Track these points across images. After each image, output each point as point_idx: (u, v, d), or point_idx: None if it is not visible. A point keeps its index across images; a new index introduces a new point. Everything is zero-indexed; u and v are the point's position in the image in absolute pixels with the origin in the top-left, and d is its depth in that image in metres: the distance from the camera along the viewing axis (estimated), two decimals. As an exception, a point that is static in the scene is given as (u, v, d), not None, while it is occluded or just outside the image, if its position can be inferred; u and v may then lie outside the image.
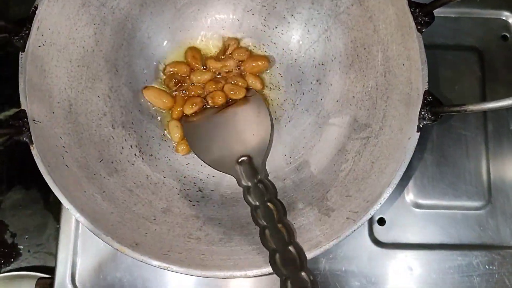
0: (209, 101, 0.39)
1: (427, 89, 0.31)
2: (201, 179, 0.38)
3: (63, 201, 0.30)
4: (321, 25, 0.38)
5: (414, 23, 0.31)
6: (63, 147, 0.32)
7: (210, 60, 0.39)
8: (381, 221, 0.40)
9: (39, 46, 0.32)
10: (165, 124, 0.39)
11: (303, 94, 0.39)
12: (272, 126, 0.39)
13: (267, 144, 0.37)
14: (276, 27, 0.40)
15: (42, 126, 0.31)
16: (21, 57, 0.31)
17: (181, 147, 0.38)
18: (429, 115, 0.30)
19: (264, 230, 0.31)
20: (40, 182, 0.30)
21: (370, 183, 0.32)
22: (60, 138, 0.32)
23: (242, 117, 0.38)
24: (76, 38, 0.34)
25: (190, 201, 0.36)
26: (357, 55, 0.36)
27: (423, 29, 0.31)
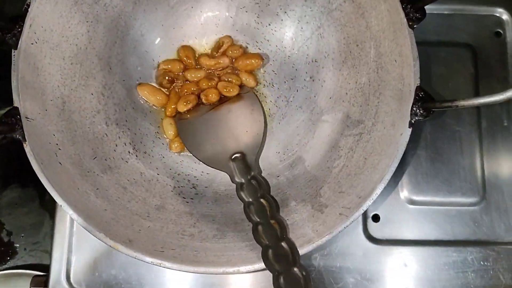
0: (203, 99, 0.39)
1: (419, 85, 0.31)
2: (195, 176, 0.38)
3: (57, 198, 0.30)
4: (314, 22, 0.38)
5: (406, 19, 0.31)
6: (57, 144, 0.32)
7: (203, 58, 0.39)
8: (375, 218, 0.40)
9: (32, 44, 0.32)
10: (159, 121, 0.39)
11: (297, 91, 0.39)
12: (265, 123, 0.39)
13: (261, 140, 0.37)
14: (270, 24, 0.40)
15: (35, 124, 0.31)
16: (14, 55, 0.31)
17: (175, 145, 0.38)
18: (421, 111, 0.31)
19: (257, 226, 0.31)
20: (36, 180, 0.30)
21: (363, 179, 0.32)
22: (54, 135, 0.32)
23: (235, 114, 0.38)
24: (69, 36, 0.34)
25: (184, 198, 0.36)
26: (350, 52, 0.36)
27: (415, 25, 0.31)
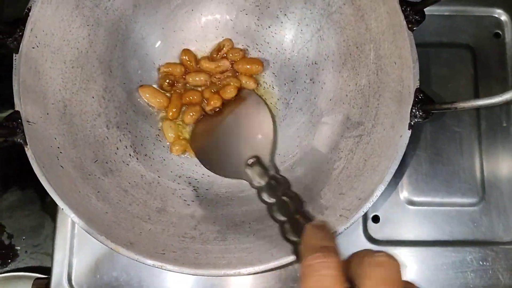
0: (206, 108, 0.39)
1: (418, 87, 0.31)
2: (195, 179, 0.38)
3: (58, 201, 0.30)
4: (314, 25, 0.38)
5: (405, 21, 0.31)
6: (58, 147, 0.32)
7: (204, 61, 0.40)
8: (375, 219, 0.40)
9: (33, 48, 0.32)
10: (160, 124, 0.39)
11: (297, 93, 0.40)
12: (273, 120, 0.39)
13: (272, 139, 0.37)
14: (270, 27, 0.40)
15: (36, 127, 0.31)
16: (15, 59, 0.31)
17: (175, 147, 0.38)
18: (421, 113, 0.31)
19: (283, 225, 0.30)
20: (36, 183, 0.30)
21: (362, 180, 0.32)
22: (55, 139, 0.32)
23: (243, 118, 0.38)
24: (70, 40, 0.34)
25: (185, 201, 0.36)
26: (349, 54, 0.37)
27: (414, 28, 0.31)
